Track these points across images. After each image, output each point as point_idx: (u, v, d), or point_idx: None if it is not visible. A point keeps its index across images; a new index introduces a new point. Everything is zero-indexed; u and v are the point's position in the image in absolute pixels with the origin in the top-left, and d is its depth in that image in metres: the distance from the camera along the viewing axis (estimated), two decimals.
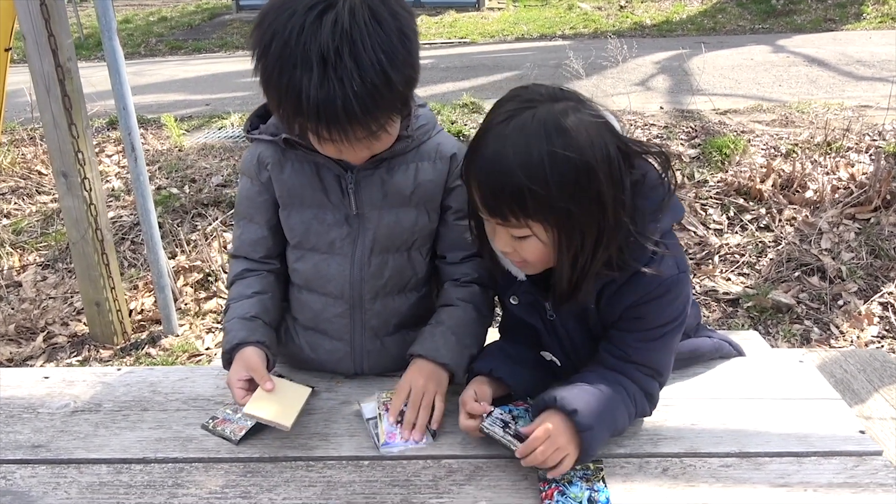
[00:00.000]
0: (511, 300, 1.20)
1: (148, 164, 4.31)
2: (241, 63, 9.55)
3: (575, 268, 1.01)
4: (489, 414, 1.08)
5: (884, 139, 3.97)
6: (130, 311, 3.13)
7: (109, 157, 4.62)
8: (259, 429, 1.17)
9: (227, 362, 1.19)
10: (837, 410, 1.20)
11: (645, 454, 1.11)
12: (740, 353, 1.38)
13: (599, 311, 1.10)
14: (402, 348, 1.28)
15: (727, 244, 3.28)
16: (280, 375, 1.20)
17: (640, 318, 1.08)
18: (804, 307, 2.89)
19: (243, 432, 1.16)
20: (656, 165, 1.03)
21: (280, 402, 1.13)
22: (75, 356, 2.91)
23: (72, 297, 3.30)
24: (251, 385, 1.14)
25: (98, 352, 2.91)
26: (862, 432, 1.14)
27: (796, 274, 3.05)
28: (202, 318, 3.08)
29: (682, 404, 1.22)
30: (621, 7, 11.77)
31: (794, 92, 5.55)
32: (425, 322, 1.29)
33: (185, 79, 7.98)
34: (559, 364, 1.27)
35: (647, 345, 1.10)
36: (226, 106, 6.05)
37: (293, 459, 1.12)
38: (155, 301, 3.12)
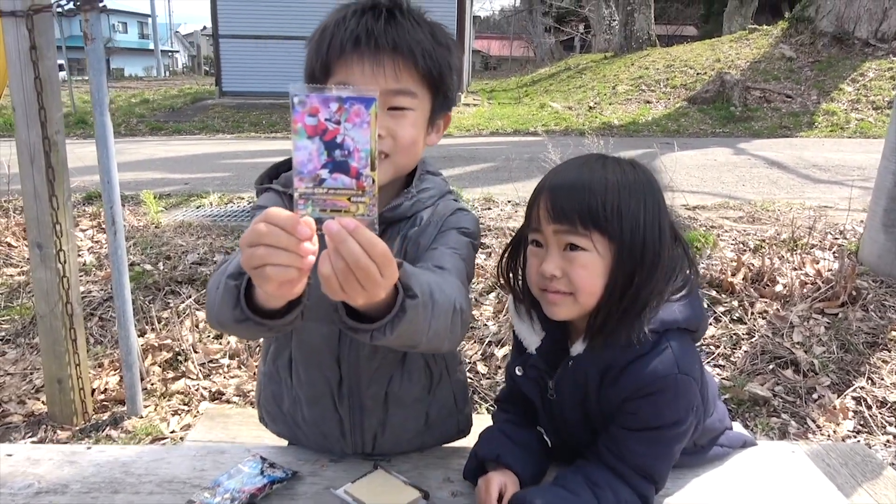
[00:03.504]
0: (517, 370, 1.20)
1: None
2: (222, 145, 9.71)
3: (624, 296, 1.02)
4: None
5: (845, 238, 4.14)
6: (93, 390, 2.99)
7: (83, 231, 4.56)
8: None
9: None
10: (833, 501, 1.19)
11: None
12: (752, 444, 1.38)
13: (599, 397, 1.08)
14: (402, 425, 1.26)
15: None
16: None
17: (636, 415, 1.06)
18: (780, 400, 2.90)
19: None
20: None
21: (385, 494, 1.13)
22: (30, 437, 2.74)
23: (31, 373, 3.15)
24: None
25: (55, 433, 2.75)
26: None
27: (770, 366, 3.08)
28: (168, 400, 2.96)
29: (680, 493, 1.20)
30: (590, 108, 12.41)
31: (757, 191, 5.82)
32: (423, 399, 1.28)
33: (164, 158, 8.05)
34: (549, 444, 1.25)
35: (644, 448, 1.07)
36: (205, 186, 6.09)
37: None
38: (120, 380, 2.99)
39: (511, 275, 1.18)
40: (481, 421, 1.51)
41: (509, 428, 1.23)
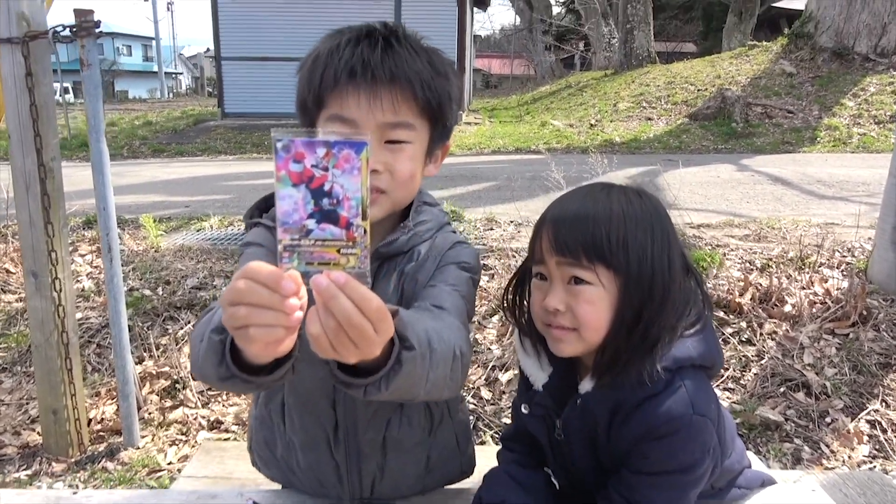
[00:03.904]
0: (523, 408, 1.14)
1: (122, 265, 4.23)
2: (224, 167, 9.71)
3: (633, 332, 0.97)
4: None
5: (853, 255, 4.08)
6: (90, 420, 2.93)
7: (82, 256, 4.52)
8: None
9: None
10: None
11: None
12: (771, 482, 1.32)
13: (609, 438, 1.03)
14: (402, 470, 1.19)
15: None
16: None
17: (648, 458, 1.00)
18: (793, 424, 2.83)
19: None
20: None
21: None
22: (24, 469, 2.68)
23: (27, 403, 3.10)
24: None
25: (50, 465, 2.69)
26: None
27: (781, 389, 3.01)
28: (166, 430, 2.90)
29: None
30: (592, 125, 12.41)
31: (762, 208, 5.77)
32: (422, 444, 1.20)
33: (165, 180, 8.04)
34: (557, 486, 1.19)
35: (658, 493, 1.01)
36: (205, 208, 6.06)
37: None
38: (117, 409, 2.93)
39: (516, 308, 1.13)
40: (486, 454, 1.46)
41: (515, 469, 1.17)
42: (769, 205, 5.94)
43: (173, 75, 57.61)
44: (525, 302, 1.12)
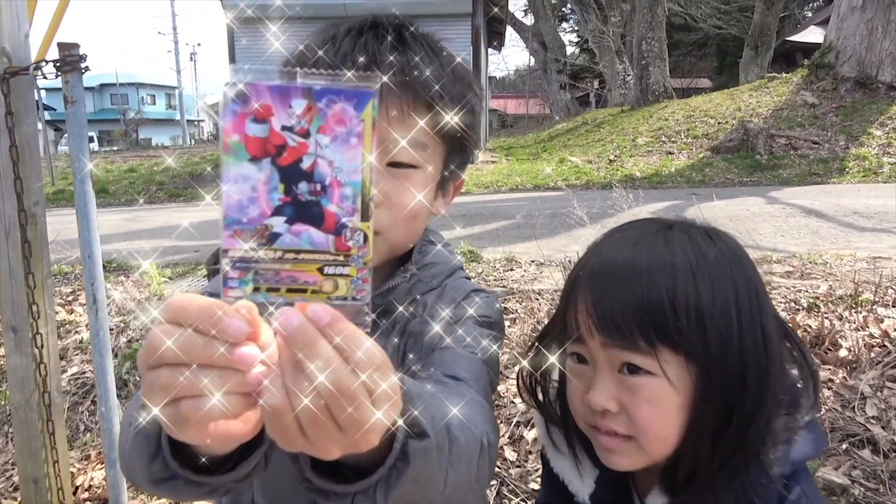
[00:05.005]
0: None
1: (123, 315, 4.03)
2: None
3: (719, 440, 0.67)
4: None
5: None
6: (76, 488, 2.69)
7: (83, 305, 4.32)
8: None
9: None
10: None
11: None
12: None
13: None
14: None
15: None
16: None
17: None
18: (860, 487, 2.48)
19: None
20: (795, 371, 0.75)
21: None
22: None
23: (12, 468, 2.86)
24: None
25: None
26: None
27: (844, 446, 2.67)
28: (157, 497, 2.63)
29: None
30: (611, 161, 12.20)
31: (799, 242, 5.46)
32: None
33: (179, 225, 7.93)
34: None
35: None
36: None
37: None
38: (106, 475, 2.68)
39: (537, 386, 0.85)
40: None
41: None
42: (806, 238, 5.62)
43: (195, 122, 58.87)
44: (554, 380, 0.84)
